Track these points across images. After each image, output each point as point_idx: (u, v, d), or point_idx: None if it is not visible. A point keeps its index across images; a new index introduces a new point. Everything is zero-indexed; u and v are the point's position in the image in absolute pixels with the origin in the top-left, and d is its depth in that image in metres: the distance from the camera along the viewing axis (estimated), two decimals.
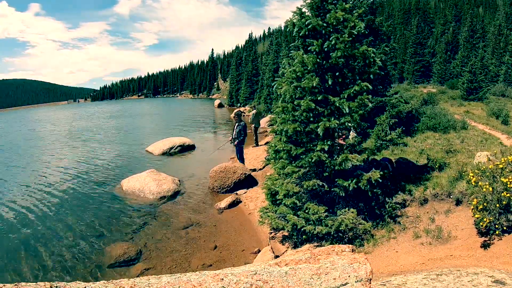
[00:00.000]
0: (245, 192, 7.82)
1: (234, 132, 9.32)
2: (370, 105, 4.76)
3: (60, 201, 7.69)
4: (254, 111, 13.75)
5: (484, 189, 4.11)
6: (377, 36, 8.89)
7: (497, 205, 4.01)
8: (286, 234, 5.35)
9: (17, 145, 17.34)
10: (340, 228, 4.66)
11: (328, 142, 4.75)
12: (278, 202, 5.27)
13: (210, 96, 80.00)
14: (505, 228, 4.02)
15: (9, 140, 19.70)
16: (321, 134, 4.66)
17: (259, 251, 5.29)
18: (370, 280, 1.71)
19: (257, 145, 12.68)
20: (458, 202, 5.07)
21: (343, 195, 4.89)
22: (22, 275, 4.73)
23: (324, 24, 4.73)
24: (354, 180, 4.82)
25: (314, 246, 4.71)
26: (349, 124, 4.86)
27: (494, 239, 4.05)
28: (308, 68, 4.82)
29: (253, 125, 13.30)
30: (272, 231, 5.64)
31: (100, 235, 5.90)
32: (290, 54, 5.18)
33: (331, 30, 4.75)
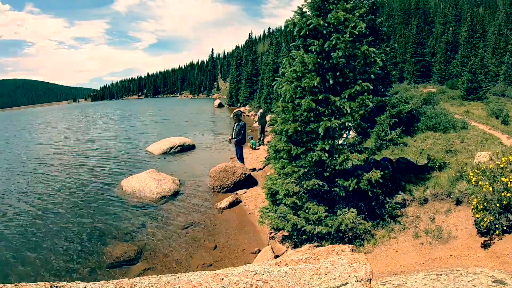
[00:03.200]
0: (245, 192, 7.82)
1: (233, 132, 9.33)
2: (371, 105, 4.76)
3: (59, 201, 7.69)
4: (261, 110, 13.97)
5: (484, 189, 4.11)
6: (378, 36, 8.89)
7: (497, 205, 4.00)
8: (286, 234, 5.35)
9: (15, 144, 17.34)
10: (340, 228, 4.65)
11: (329, 142, 4.75)
12: (278, 202, 5.26)
13: (210, 96, 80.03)
14: (505, 228, 4.02)
15: (7, 139, 19.70)
16: (321, 134, 4.66)
17: (259, 251, 5.29)
18: (370, 280, 1.71)
19: (263, 143, 12.75)
20: (458, 202, 5.07)
21: (343, 195, 4.88)
22: (22, 275, 4.73)
23: (325, 24, 4.73)
24: (355, 180, 4.82)
25: (314, 246, 4.70)
26: (350, 124, 4.85)
27: (494, 239, 4.05)
28: (309, 68, 4.81)
29: (260, 124, 13.46)
30: (272, 231, 5.63)
31: (100, 235, 5.90)
32: (290, 54, 5.17)
33: (332, 30, 4.74)
